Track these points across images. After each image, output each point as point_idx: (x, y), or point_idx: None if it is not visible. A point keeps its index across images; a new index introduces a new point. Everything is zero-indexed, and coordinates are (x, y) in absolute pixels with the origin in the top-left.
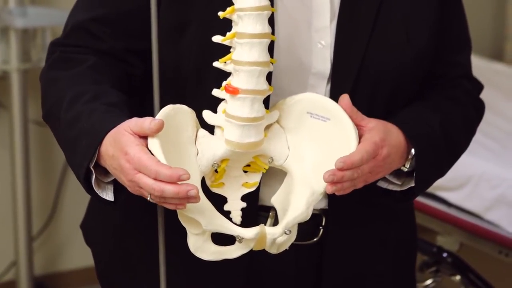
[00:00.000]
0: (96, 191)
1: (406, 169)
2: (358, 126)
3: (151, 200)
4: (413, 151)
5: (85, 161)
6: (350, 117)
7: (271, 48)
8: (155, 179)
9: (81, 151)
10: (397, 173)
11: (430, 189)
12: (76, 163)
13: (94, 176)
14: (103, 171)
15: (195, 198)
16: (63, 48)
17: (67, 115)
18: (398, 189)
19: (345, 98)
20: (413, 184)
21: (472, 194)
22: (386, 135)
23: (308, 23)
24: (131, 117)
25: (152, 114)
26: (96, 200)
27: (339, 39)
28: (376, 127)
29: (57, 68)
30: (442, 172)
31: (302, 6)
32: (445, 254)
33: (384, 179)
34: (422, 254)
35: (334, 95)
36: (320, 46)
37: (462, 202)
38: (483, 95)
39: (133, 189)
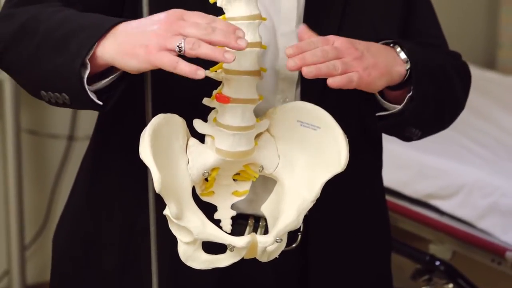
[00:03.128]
0: (88, 91)
1: (407, 68)
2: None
3: (181, 50)
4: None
5: (83, 51)
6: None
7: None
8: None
9: (76, 46)
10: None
11: (423, 198)
12: (66, 59)
13: (88, 71)
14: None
15: (233, 55)
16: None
17: (50, 22)
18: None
19: (301, 27)
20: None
21: (465, 202)
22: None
23: (273, 28)
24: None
25: (143, 121)
26: (78, 101)
27: None
28: None
29: (14, 7)
30: (439, 93)
31: (273, 12)
32: (438, 263)
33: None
34: (415, 262)
35: (304, 99)
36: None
37: (454, 211)
38: (476, 103)
39: (160, 38)
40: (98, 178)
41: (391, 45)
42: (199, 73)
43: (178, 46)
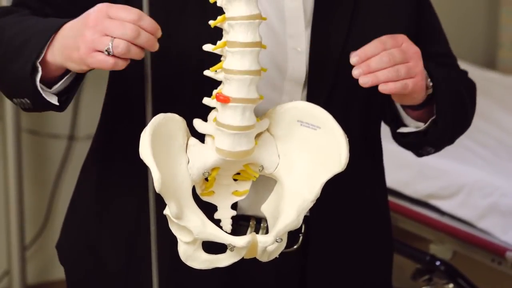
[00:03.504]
0: (41, 92)
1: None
2: None
3: (109, 52)
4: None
5: (34, 53)
6: None
7: None
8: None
9: (29, 50)
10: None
11: (423, 198)
12: (19, 62)
13: (40, 74)
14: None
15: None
16: None
17: (11, 31)
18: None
19: None
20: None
21: (465, 202)
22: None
23: (282, 29)
24: None
25: (143, 121)
26: (37, 103)
27: (314, 46)
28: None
29: None
30: (456, 115)
31: (276, 13)
32: (438, 263)
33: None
34: (415, 262)
35: (310, 101)
36: (295, 52)
37: (455, 211)
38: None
39: (90, 40)
40: (103, 182)
41: None
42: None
43: (106, 50)
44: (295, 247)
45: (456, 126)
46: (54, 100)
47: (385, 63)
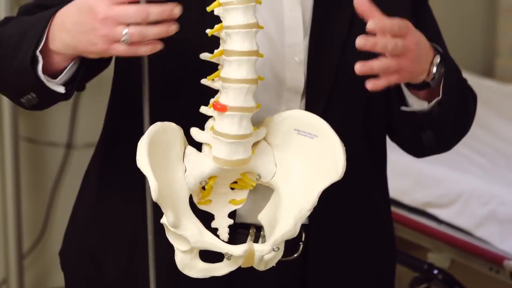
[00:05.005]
0: (44, 82)
1: (432, 76)
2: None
3: (126, 41)
4: (437, 58)
5: (32, 45)
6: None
7: None
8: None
9: (27, 42)
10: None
11: (421, 206)
12: (19, 57)
13: (41, 63)
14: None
15: (175, 23)
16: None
17: (9, 31)
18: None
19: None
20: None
21: (463, 211)
22: (412, 26)
23: (281, 39)
24: None
25: (141, 129)
26: (43, 95)
27: (312, 56)
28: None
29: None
30: (460, 108)
31: (274, 22)
32: (436, 271)
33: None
34: (413, 271)
35: (309, 110)
36: (294, 62)
37: (452, 219)
38: None
39: (104, 35)
40: (104, 190)
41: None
42: (158, 47)
43: (123, 41)
44: (295, 255)
45: (459, 115)
46: (60, 89)
47: (386, 48)
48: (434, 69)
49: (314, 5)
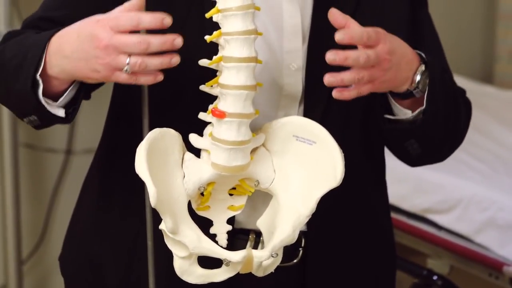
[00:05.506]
0: (45, 105)
1: (415, 85)
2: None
3: (127, 71)
4: (422, 67)
5: (31, 68)
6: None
7: None
8: (137, 27)
9: (26, 65)
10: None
11: (420, 212)
12: (20, 81)
13: (41, 87)
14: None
15: (177, 55)
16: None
17: (9, 52)
18: (403, 117)
19: (332, 11)
20: (420, 109)
21: (462, 217)
22: (390, 35)
23: (279, 45)
24: None
25: (140, 136)
26: (44, 118)
27: (310, 62)
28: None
29: (2, 43)
30: (447, 117)
31: (274, 28)
32: (435, 277)
33: (389, 111)
34: (412, 277)
35: (307, 117)
36: (292, 69)
37: (452, 225)
38: (473, 118)
39: (107, 63)
40: (104, 196)
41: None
42: (159, 78)
43: (125, 70)
44: (295, 261)
45: (446, 126)
46: (60, 113)
47: (357, 62)
48: (418, 78)
49: (313, 12)
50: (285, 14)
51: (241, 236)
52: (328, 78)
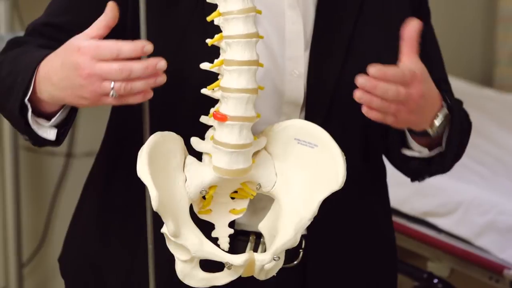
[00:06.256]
0: (34, 129)
1: (437, 125)
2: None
3: (114, 96)
4: (443, 111)
5: (20, 92)
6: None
7: None
8: (117, 58)
9: (16, 88)
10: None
11: (421, 215)
12: (11, 102)
13: (30, 111)
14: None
15: (163, 74)
16: (15, 44)
17: (5, 70)
18: (418, 155)
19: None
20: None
21: (463, 220)
22: (427, 76)
23: (281, 52)
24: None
25: (141, 139)
26: (33, 141)
27: (312, 69)
28: (419, 64)
29: (4, 52)
30: (462, 151)
31: (276, 35)
32: (435, 280)
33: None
34: (413, 280)
35: None
36: (294, 75)
37: (452, 228)
38: (473, 121)
39: (92, 90)
40: (104, 200)
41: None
42: (148, 95)
43: (111, 95)
44: (295, 262)
45: (456, 156)
46: (51, 135)
47: (385, 94)
48: (437, 123)
49: (316, 18)
50: (287, 20)
51: (241, 237)
52: (360, 95)
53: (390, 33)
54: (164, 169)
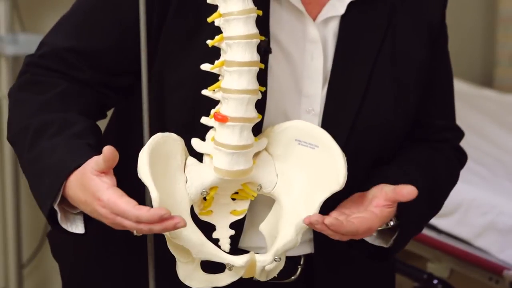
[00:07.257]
0: (63, 226)
1: (390, 225)
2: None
3: (136, 234)
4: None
5: (48, 201)
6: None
7: (261, 109)
8: (137, 222)
9: (44, 190)
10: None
11: None
12: (41, 200)
13: (59, 214)
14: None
15: (184, 227)
16: (36, 69)
17: (30, 152)
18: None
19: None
20: (384, 245)
21: (462, 220)
22: (379, 225)
23: (298, 89)
24: (98, 142)
25: (141, 141)
26: (62, 233)
27: (328, 107)
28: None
29: (26, 90)
30: (419, 229)
31: (294, 71)
32: (435, 281)
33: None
34: (412, 281)
35: None
36: (310, 113)
37: (452, 229)
38: (473, 121)
39: (116, 227)
40: None
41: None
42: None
43: (133, 232)
44: (292, 278)
45: (424, 224)
46: (79, 228)
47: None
48: (391, 224)
49: (335, 55)
50: (307, 56)
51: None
52: (306, 220)
53: (408, 73)
54: (164, 170)
